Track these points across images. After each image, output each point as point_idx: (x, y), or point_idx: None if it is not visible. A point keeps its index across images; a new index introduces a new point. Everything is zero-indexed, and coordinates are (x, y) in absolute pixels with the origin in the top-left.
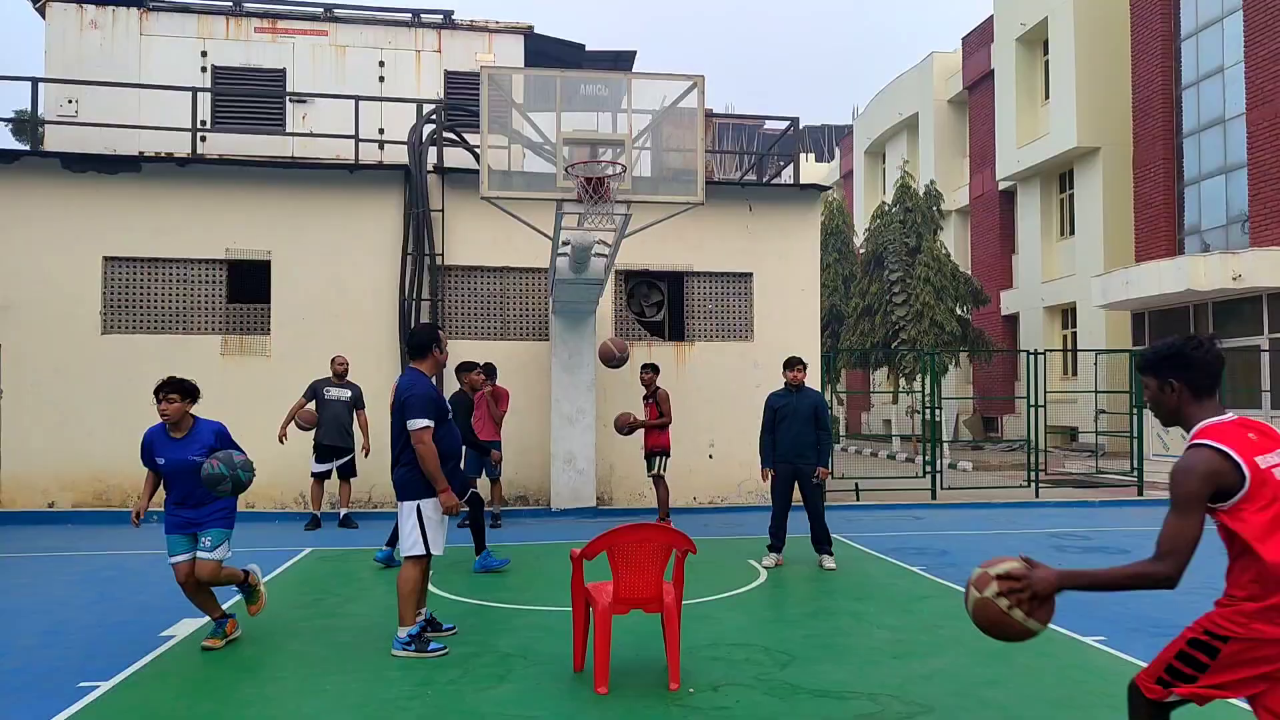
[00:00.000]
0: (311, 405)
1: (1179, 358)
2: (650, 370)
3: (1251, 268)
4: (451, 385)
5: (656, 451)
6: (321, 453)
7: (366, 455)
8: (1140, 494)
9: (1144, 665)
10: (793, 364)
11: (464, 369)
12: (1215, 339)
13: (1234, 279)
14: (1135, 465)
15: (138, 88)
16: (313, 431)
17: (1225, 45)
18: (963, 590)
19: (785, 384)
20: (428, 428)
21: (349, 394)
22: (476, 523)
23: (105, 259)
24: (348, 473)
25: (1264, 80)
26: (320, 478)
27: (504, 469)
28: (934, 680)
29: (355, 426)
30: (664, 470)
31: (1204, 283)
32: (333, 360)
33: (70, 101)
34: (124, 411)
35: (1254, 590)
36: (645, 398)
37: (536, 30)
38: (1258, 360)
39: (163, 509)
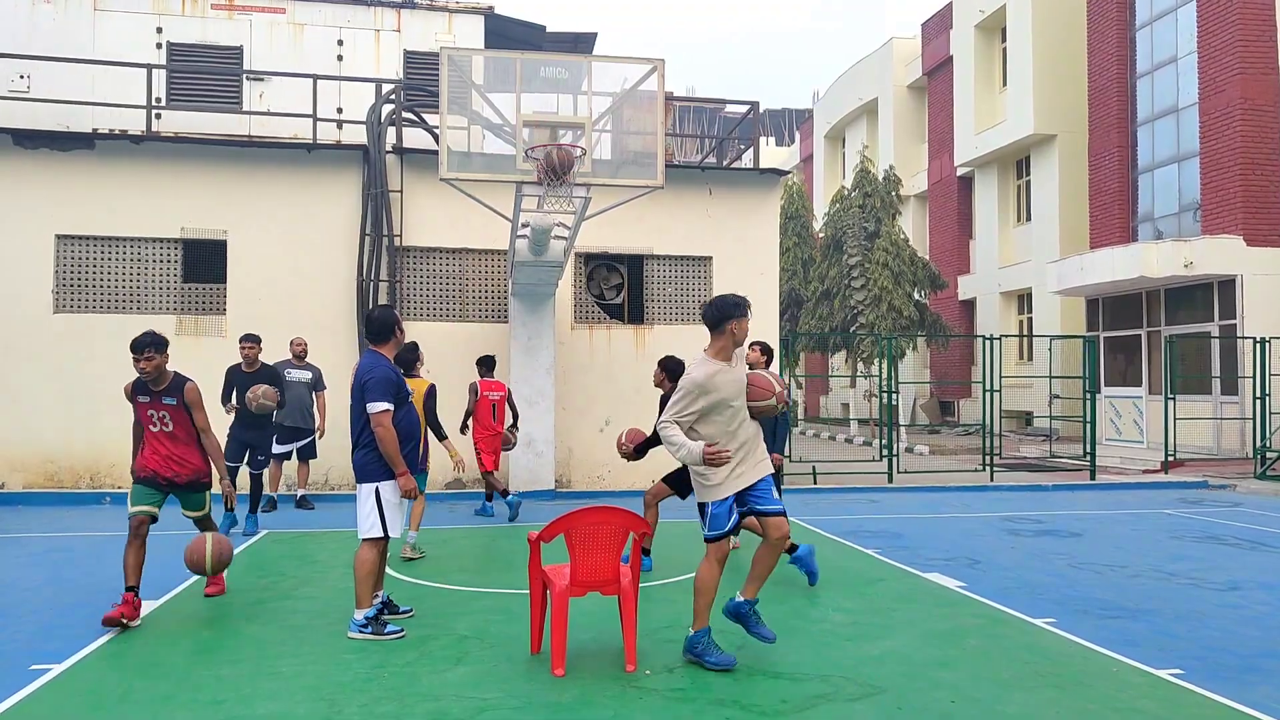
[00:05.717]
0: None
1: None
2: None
3: (1203, 255)
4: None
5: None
6: (283, 434)
7: (320, 436)
8: (1093, 478)
9: (1091, 646)
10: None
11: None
12: None
13: (1186, 266)
14: (1088, 449)
15: (91, 64)
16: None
17: (1179, 36)
18: (912, 570)
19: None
20: (387, 411)
21: (310, 375)
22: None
23: (58, 237)
24: (308, 454)
25: (1216, 71)
26: (279, 459)
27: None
28: (886, 662)
29: (314, 408)
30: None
31: (1156, 270)
32: (292, 342)
33: (22, 77)
34: (76, 391)
35: None
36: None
37: (497, 10)
38: (1209, 347)
39: (115, 490)
